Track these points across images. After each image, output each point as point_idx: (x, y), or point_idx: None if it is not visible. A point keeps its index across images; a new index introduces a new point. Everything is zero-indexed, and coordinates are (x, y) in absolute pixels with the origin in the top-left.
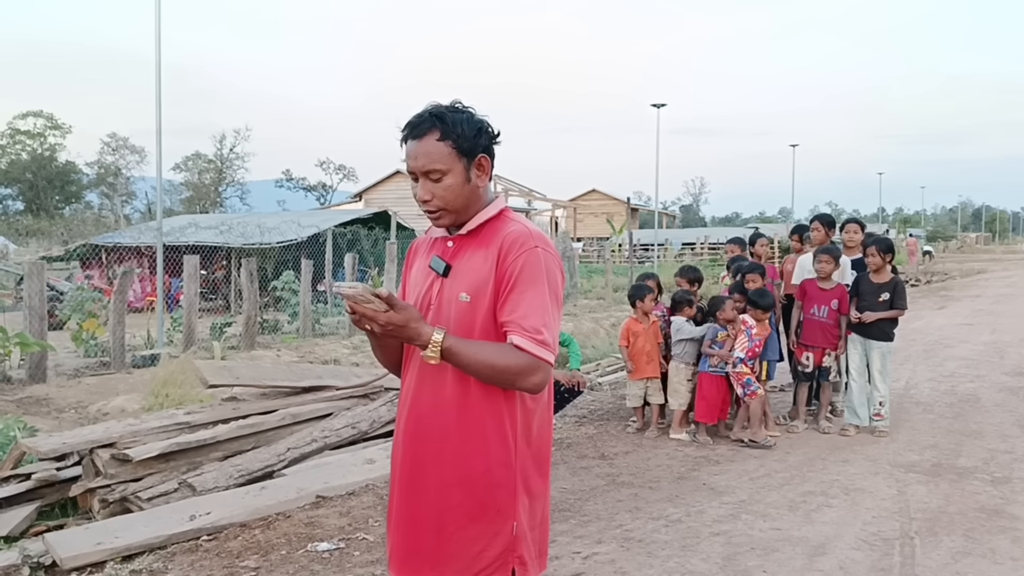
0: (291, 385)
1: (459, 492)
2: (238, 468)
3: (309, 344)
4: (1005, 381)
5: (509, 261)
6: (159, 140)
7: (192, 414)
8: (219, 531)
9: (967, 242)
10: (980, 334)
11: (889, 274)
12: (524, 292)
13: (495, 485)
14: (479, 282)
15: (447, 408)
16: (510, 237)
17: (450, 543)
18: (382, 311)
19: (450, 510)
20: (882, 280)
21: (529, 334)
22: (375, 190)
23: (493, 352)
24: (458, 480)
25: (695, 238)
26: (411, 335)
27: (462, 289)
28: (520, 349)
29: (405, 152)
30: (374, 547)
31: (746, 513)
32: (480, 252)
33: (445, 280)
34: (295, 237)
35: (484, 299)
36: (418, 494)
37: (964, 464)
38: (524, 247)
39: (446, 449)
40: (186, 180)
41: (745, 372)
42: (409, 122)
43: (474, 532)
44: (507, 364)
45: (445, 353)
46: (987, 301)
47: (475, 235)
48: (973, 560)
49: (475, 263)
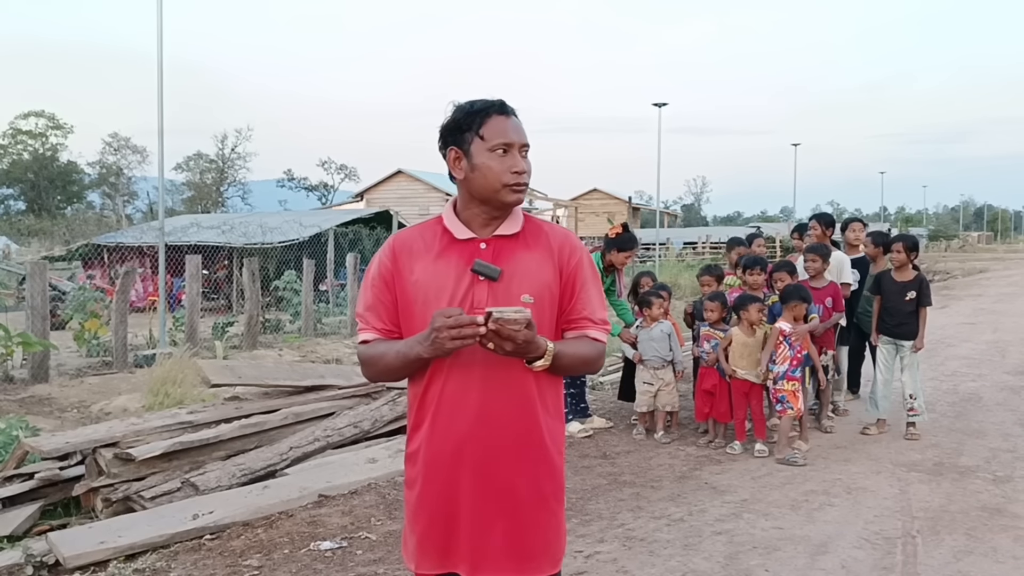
0: (293, 384)
1: (531, 486)
2: (241, 467)
3: (311, 343)
4: (1007, 380)
5: (573, 262)
6: (161, 140)
7: (195, 413)
8: (222, 530)
9: (969, 241)
10: (982, 333)
11: (912, 272)
12: (589, 289)
13: (552, 475)
14: (543, 284)
15: (518, 406)
16: (560, 237)
17: (527, 537)
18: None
19: (533, 507)
20: (906, 278)
21: (599, 326)
22: (376, 190)
23: (580, 348)
24: (531, 475)
25: (697, 237)
26: (534, 349)
27: (524, 291)
28: (596, 340)
29: (500, 127)
30: (376, 546)
31: (748, 512)
32: (530, 254)
33: (494, 283)
34: (297, 237)
35: (548, 299)
36: (494, 492)
37: (966, 463)
38: (576, 246)
39: (519, 445)
40: (188, 180)
41: (786, 388)
42: (500, 100)
43: (544, 523)
44: (592, 356)
45: (555, 358)
46: (989, 300)
47: (516, 236)
48: (975, 559)
49: (531, 265)
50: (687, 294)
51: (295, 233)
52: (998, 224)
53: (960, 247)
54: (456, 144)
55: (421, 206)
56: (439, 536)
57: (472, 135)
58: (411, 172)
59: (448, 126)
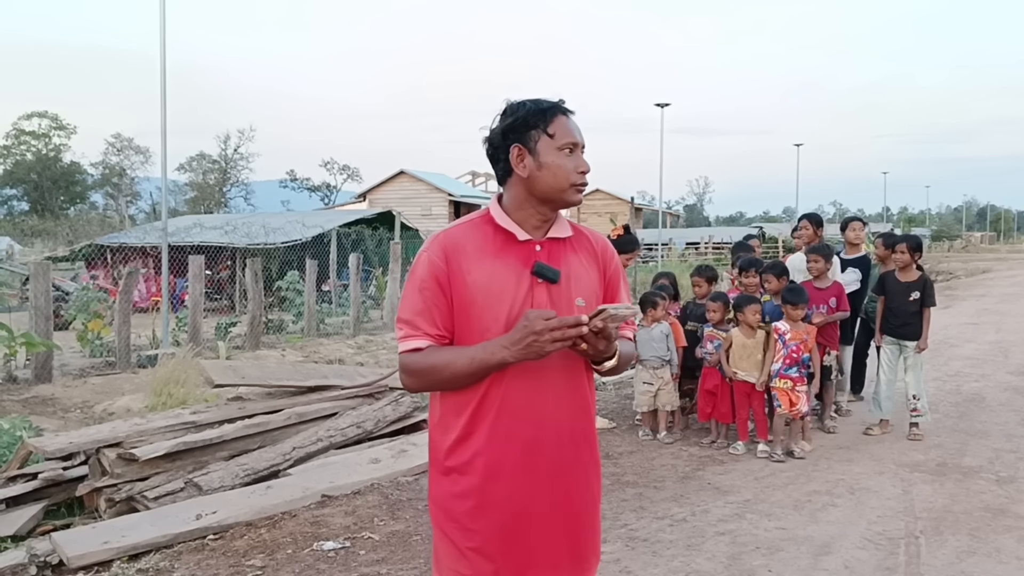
0: (296, 385)
1: (585, 487)
2: (244, 467)
3: (314, 344)
4: (1010, 380)
5: (612, 266)
6: (164, 140)
7: (198, 414)
8: (225, 530)
9: (972, 242)
10: (985, 333)
11: (916, 272)
12: (624, 291)
13: (599, 475)
14: (592, 287)
15: (578, 408)
16: (601, 242)
17: (583, 536)
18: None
19: (587, 507)
20: (910, 278)
21: (632, 327)
22: (379, 190)
23: (625, 347)
24: (587, 476)
25: (699, 237)
26: (613, 349)
27: (579, 295)
28: (631, 340)
29: (566, 126)
30: (379, 546)
31: (751, 512)
32: (578, 257)
33: (553, 286)
34: (300, 237)
35: (594, 302)
36: (560, 496)
37: (969, 463)
38: (612, 250)
39: (579, 447)
40: (191, 180)
41: (777, 386)
42: (562, 100)
43: (595, 522)
44: (632, 355)
45: (618, 358)
46: (992, 300)
47: (567, 240)
48: (978, 559)
49: (581, 269)
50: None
51: (298, 233)
52: (1001, 224)
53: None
54: (521, 142)
55: (423, 206)
56: (503, 544)
57: (539, 133)
58: (413, 173)
59: (513, 123)
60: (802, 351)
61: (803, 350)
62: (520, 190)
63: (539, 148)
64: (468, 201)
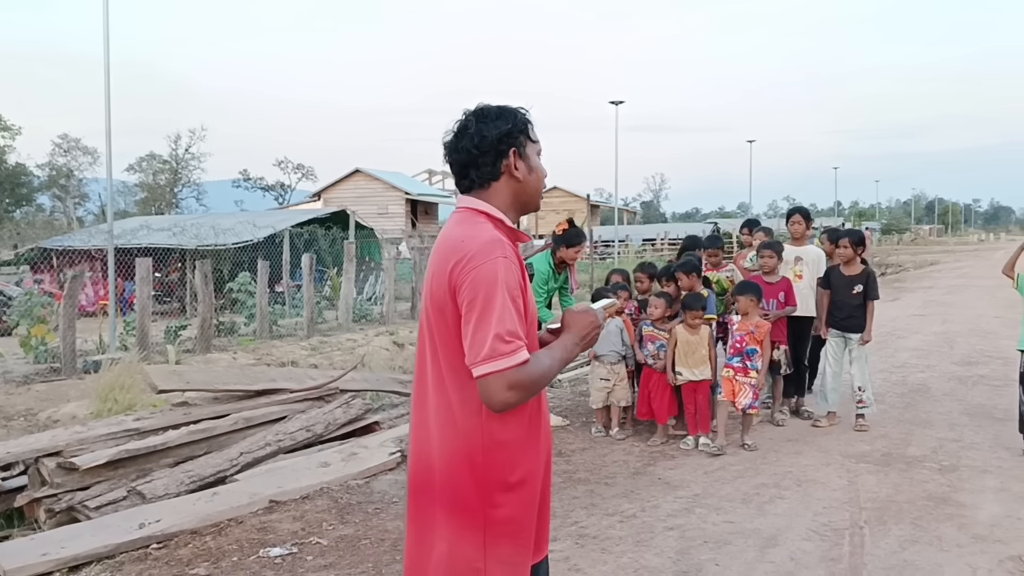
0: (244, 388)
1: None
2: (189, 474)
3: (266, 346)
4: (954, 371)
5: None
6: (108, 141)
7: (141, 420)
8: (169, 539)
9: (920, 234)
10: (931, 325)
11: (860, 266)
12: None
13: None
14: None
15: None
16: None
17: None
18: None
19: None
20: (854, 272)
21: None
22: (334, 189)
23: None
24: None
25: (655, 234)
26: None
27: None
28: None
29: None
30: (327, 551)
31: (700, 507)
32: None
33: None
34: (251, 238)
35: None
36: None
37: (913, 453)
38: None
39: None
40: (141, 181)
41: (723, 375)
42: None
43: None
44: None
45: None
46: (939, 292)
47: None
48: (920, 548)
49: None
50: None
51: (249, 234)
52: (949, 217)
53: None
54: (516, 146)
55: (380, 205)
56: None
57: (526, 138)
58: (369, 171)
59: (511, 128)
60: (746, 342)
61: (747, 341)
62: (507, 194)
63: (528, 152)
64: (425, 200)
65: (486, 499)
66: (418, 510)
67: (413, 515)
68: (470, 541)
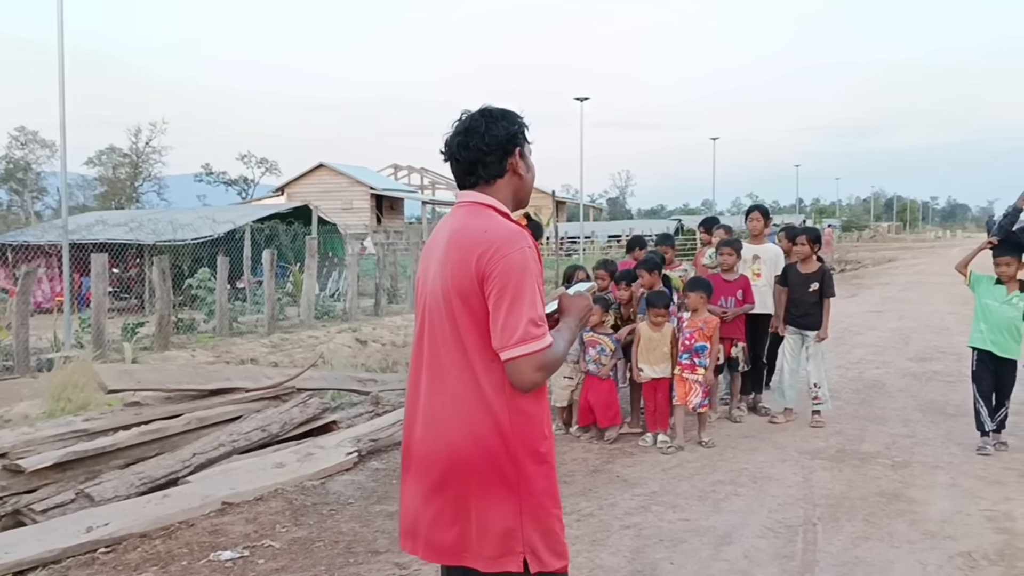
0: (197, 388)
1: None
2: (140, 476)
3: (226, 343)
4: (909, 367)
5: None
6: (63, 133)
7: (91, 421)
8: (118, 542)
9: (880, 231)
10: (888, 321)
11: (816, 263)
12: None
13: None
14: None
15: None
16: None
17: None
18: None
19: None
20: (810, 270)
21: None
22: (298, 184)
23: None
24: None
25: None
26: None
27: None
28: None
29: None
30: (280, 554)
31: (657, 504)
32: None
33: None
34: (210, 233)
35: None
36: None
37: (867, 449)
38: None
39: None
40: (100, 175)
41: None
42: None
43: None
44: None
45: None
46: (896, 289)
47: None
48: (872, 544)
49: None
50: None
51: (208, 229)
52: (907, 214)
53: (871, 237)
54: (520, 146)
55: (344, 200)
56: None
57: (524, 139)
58: (333, 166)
59: (516, 129)
60: (695, 339)
61: (697, 338)
62: (509, 190)
63: (526, 151)
64: (391, 195)
65: (520, 470)
66: (442, 491)
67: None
68: (508, 511)
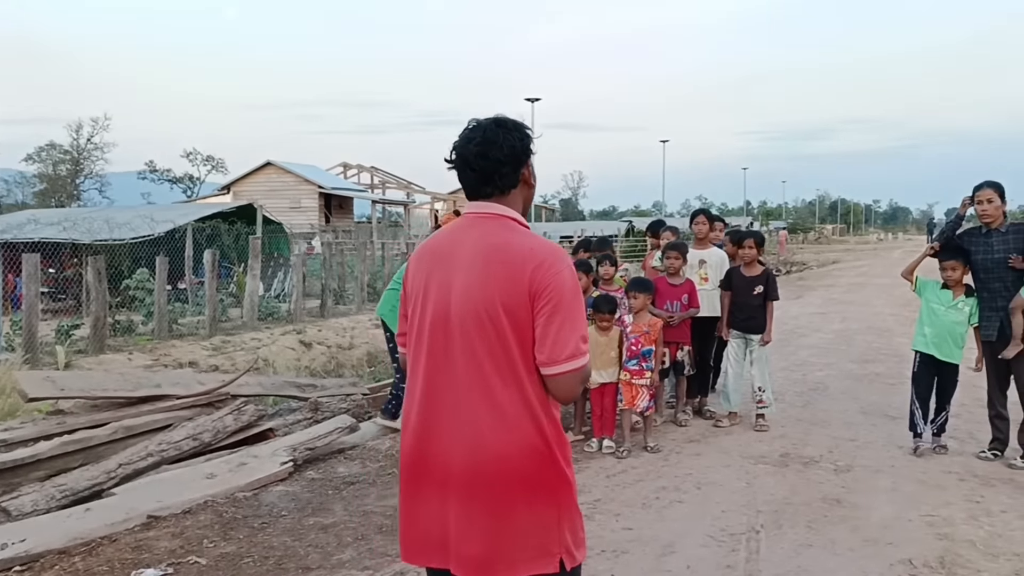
0: (125, 395)
1: None
2: (61, 488)
3: (165, 346)
4: (852, 369)
5: None
6: None
7: (10, 431)
8: (34, 560)
9: (824, 234)
10: (831, 323)
11: (759, 267)
12: None
13: None
14: None
15: None
16: None
17: None
18: None
19: None
20: (754, 273)
21: None
22: (244, 182)
23: None
24: None
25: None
26: None
27: None
28: None
29: None
30: (206, 571)
31: (600, 513)
32: None
33: None
34: (149, 232)
35: None
36: None
37: (810, 453)
38: None
39: None
40: (40, 172)
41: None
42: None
43: None
44: None
45: None
46: (840, 291)
47: None
48: (814, 552)
49: None
50: None
51: (147, 228)
52: (851, 217)
53: (816, 239)
54: (530, 156)
55: (292, 199)
56: None
57: (531, 149)
58: (281, 164)
59: (529, 141)
60: (642, 343)
61: (643, 343)
62: (520, 200)
63: (532, 162)
64: (340, 193)
65: (562, 475)
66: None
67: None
68: (550, 516)
